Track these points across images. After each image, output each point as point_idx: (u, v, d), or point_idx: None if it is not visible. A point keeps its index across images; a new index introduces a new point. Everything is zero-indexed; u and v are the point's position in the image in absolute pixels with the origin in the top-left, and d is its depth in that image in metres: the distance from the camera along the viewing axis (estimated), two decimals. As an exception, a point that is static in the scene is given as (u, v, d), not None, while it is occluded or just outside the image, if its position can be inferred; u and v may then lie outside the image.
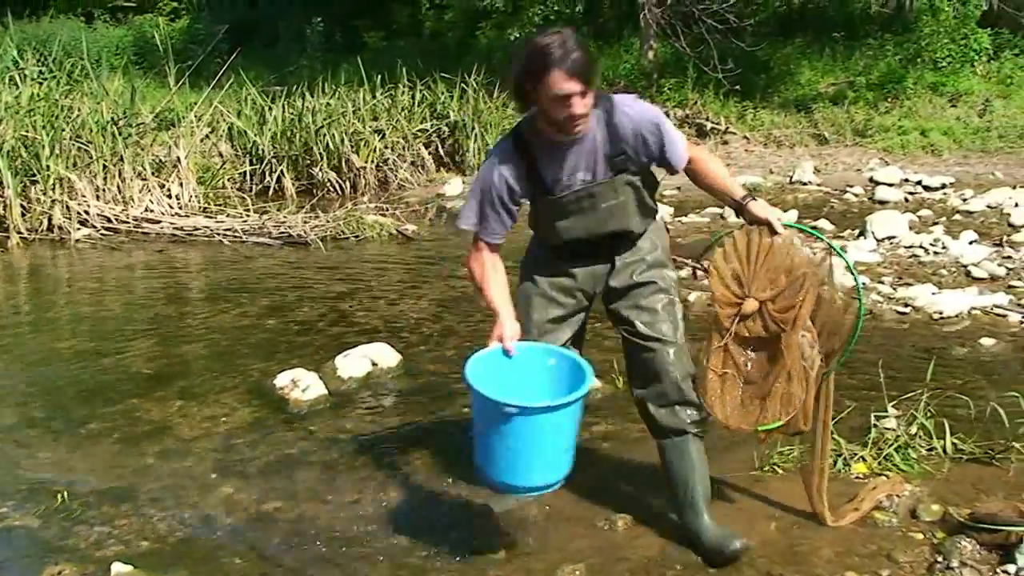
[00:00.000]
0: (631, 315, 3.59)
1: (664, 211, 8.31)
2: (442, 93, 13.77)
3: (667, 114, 14.64)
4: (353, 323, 6.70)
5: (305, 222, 9.65)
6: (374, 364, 5.64)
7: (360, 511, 4.02)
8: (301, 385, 5.24)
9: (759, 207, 3.52)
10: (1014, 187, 10.95)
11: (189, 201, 10.35)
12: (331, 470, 4.41)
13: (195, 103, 12.26)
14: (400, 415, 5.04)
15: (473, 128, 13.36)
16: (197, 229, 9.70)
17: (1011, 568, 3.35)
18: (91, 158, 10.13)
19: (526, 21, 17.34)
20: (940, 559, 3.47)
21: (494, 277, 3.57)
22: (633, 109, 3.44)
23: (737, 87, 15.12)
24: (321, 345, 6.16)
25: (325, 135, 12.18)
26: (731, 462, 4.17)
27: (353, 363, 5.58)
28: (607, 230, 3.54)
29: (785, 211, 9.85)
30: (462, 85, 13.80)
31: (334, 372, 5.51)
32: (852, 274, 3.57)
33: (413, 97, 13.61)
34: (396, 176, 12.51)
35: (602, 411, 4.97)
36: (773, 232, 3.45)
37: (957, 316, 6.54)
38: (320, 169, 12.05)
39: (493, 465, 3.27)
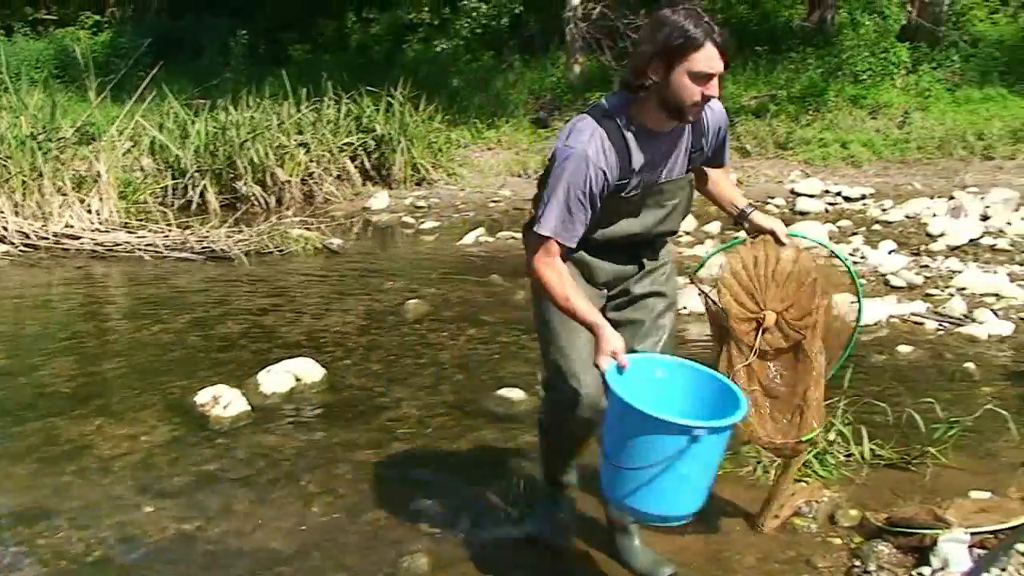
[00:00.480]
0: (639, 331, 3.37)
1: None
2: (368, 106, 13.73)
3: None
4: (277, 338, 6.64)
5: (229, 236, 9.54)
6: (297, 379, 5.60)
7: (282, 529, 3.98)
8: (222, 402, 5.18)
9: (762, 218, 3.50)
10: (932, 197, 11.19)
11: (110, 216, 10.18)
12: (253, 487, 4.36)
13: (117, 117, 12.09)
14: (323, 430, 5.00)
15: (399, 142, 13.36)
16: (118, 245, 9.55)
17: (926, 571, 3.42)
18: (9, 173, 9.96)
19: (453, 34, 17.34)
20: (858, 563, 3.54)
21: (575, 286, 3.13)
22: (714, 101, 3.19)
23: (662, 100, 15.20)
24: (244, 361, 6.09)
25: (249, 149, 12.07)
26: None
27: (276, 378, 5.54)
28: (659, 231, 3.35)
29: (707, 223, 9.97)
30: (388, 98, 13.78)
31: (256, 388, 5.46)
32: (854, 280, 3.61)
33: (339, 110, 13.55)
34: (321, 190, 12.44)
35: (525, 423, 4.98)
36: (778, 242, 3.44)
37: (876, 324, 6.65)
38: (244, 183, 11.94)
39: (658, 498, 2.86)
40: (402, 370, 5.94)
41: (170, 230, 9.93)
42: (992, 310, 6.80)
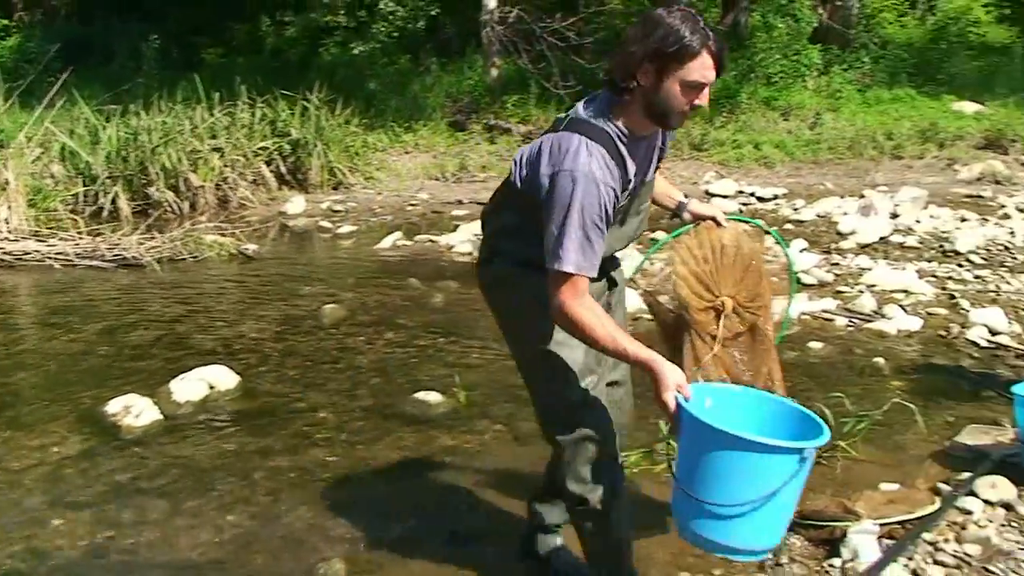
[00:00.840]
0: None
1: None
2: (283, 110, 13.59)
3: (510, 130, 14.89)
4: (190, 346, 6.54)
5: (141, 243, 9.35)
6: (211, 387, 5.53)
7: (197, 538, 3.94)
8: (134, 411, 5.10)
9: (700, 205, 3.46)
10: (843, 196, 11.41)
11: (19, 225, 9.93)
12: (166, 497, 4.30)
13: (26, 123, 11.83)
14: (238, 438, 4.94)
15: (315, 146, 13.24)
16: (27, 253, 9.32)
17: (836, 562, 3.49)
18: (-87, 182, 9.71)
19: (369, 38, 17.25)
20: (769, 556, 3.58)
21: (614, 324, 2.82)
22: None
23: (579, 103, 15.31)
24: (156, 369, 5.99)
25: (162, 154, 11.87)
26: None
27: (189, 387, 5.46)
28: (635, 236, 3.17)
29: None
30: (304, 102, 13.66)
31: (169, 396, 5.39)
32: (788, 259, 3.73)
33: (253, 114, 13.38)
34: (236, 195, 12.25)
35: (443, 426, 5.00)
36: (719, 225, 3.42)
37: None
38: (157, 189, 11.73)
39: (758, 529, 2.68)
40: (319, 375, 5.90)
41: (80, 238, 9.72)
42: (901, 306, 6.94)
